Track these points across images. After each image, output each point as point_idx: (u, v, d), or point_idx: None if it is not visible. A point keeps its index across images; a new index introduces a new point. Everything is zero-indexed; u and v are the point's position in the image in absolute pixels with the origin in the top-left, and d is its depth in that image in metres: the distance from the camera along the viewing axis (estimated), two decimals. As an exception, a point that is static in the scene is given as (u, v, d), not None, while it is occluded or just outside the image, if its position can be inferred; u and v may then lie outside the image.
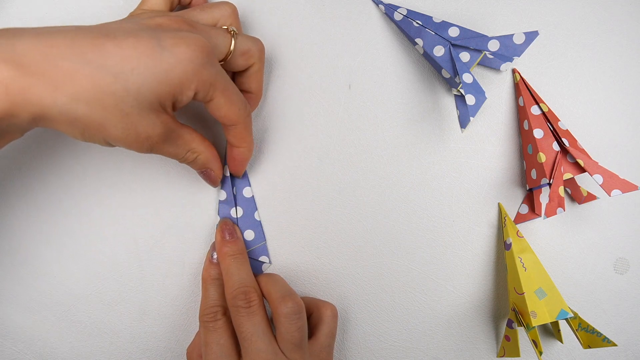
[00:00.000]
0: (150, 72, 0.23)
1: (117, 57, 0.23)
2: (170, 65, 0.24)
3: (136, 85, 0.23)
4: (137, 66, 0.23)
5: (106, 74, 0.23)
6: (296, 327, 0.29)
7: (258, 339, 0.28)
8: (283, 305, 0.29)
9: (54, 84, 0.22)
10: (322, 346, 0.31)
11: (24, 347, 0.34)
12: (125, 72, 0.23)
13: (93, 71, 0.22)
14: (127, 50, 0.23)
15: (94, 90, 0.22)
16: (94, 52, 0.23)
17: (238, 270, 0.31)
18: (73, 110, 0.22)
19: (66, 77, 0.22)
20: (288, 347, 0.29)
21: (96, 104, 0.23)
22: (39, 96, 0.22)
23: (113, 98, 0.23)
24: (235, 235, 0.33)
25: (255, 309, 0.29)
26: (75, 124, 0.23)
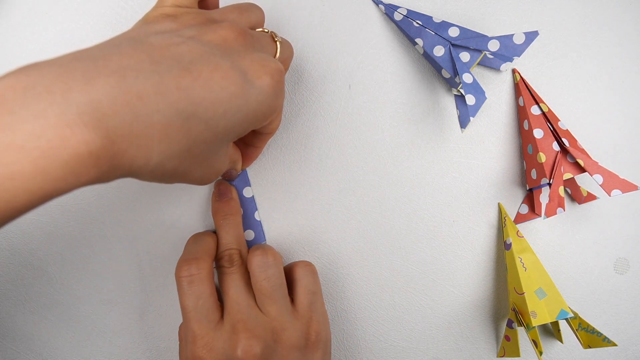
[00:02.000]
0: (240, 113, 0.21)
1: (207, 101, 0.20)
2: (259, 103, 0.22)
3: (226, 129, 0.21)
4: (228, 109, 0.21)
5: (198, 123, 0.20)
6: (264, 276, 0.29)
7: (234, 292, 0.29)
8: (252, 257, 0.30)
9: (146, 146, 0.19)
10: (303, 305, 0.30)
11: (24, 347, 0.34)
12: (216, 117, 0.21)
13: (185, 122, 0.20)
14: (217, 92, 0.20)
15: (186, 143, 0.20)
16: (184, 100, 0.19)
17: (226, 232, 0.32)
18: (164, 166, 0.20)
19: (159, 135, 0.19)
20: (261, 299, 0.29)
21: (186, 156, 0.21)
22: (132, 159, 0.19)
23: (203, 147, 0.21)
24: (228, 195, 0.33)
25: (236, 269, 0.30)
26: (163, 177, 0.21)
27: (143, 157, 0.19)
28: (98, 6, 0.34)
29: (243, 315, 0.28)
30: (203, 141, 0.21)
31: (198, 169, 0.22)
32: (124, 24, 0.34)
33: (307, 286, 0.31)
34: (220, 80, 0.21)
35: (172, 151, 0.20)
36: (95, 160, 0.17)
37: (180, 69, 0.20)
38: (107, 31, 0.34)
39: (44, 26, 0.33)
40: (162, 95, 0.19)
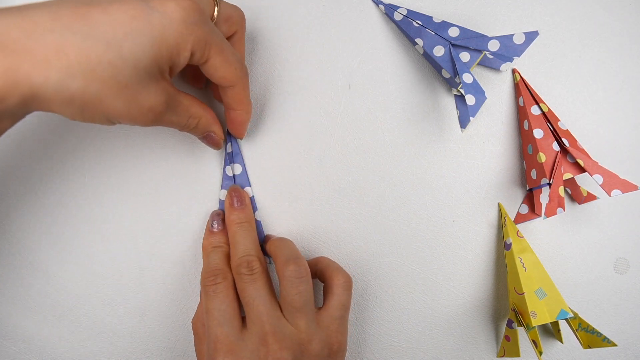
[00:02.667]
0: (144, 35, 0.22)
1: (105, 24, 0.21)
2: (164, 26, 0.23)
3: (132, 51, 0.22)
4: (129, 31, 0.22)
5: (97, 42, 0.21)
6: (296, 291, 0.28)
7: (260, 303, 0.28)
8: (285, 268, 0.29)
9: (43, 60, 0.20)
10: (333, 317, 0.30)
11: (24, 347, 0.34)
12: (117, 38, 0.21)
13: (82, 42, 0.21)
14: (115, 15, 0.22)
15: (86, 61, 0.21)
16: (80, 21, 0.21)
17: (243, 238, 0.31)
18: (67, 86, 0.21)
19: (55, 51, 0.20)
20: (290, 311, 0.28)
21: (91, 77, 0.21)
22: (28, 75, 0.20)
23: (109, 68, 0.21)
24: (243, 202, 0.33)
25: (258, 276, 0.29)
26: (72, 102, 0.21)
27: (41, 73, 0.20)
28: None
29: (272, 327, 0.28)
30: (109, 63, 0.21)
31: (117, 99, 0.22)
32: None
33: (343, 302, 0.30)
34: (120, 6, 0.22)
35: (73, 70, 0.20)
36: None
37: (82, 3, 0.21)
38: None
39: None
40: (56, 20, 0.21)
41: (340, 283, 0.30)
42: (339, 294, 0.30)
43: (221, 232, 0.33)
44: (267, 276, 0.30)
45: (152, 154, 0.34)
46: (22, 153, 0.33)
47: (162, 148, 0.34)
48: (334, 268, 0.31)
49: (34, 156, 0.33)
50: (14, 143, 0.33)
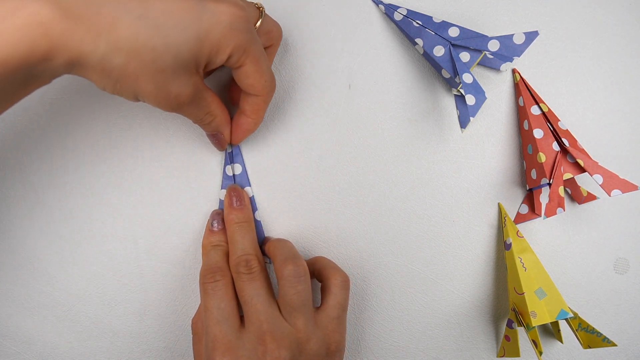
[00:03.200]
0: (192, 29, 0.23)
1: (159, 10, 0.22)
2: (211, 25, 0.24)
3: (176, 42, 0.23)
4: (179, 22, 0.23)
5: (148, 25, 0.22)
6: (295, 291, 0.28)
7: (258, 302, 0.28)
8: (283, 268, 0.29)
9: (96, 31, 0.21)
10: (330, 317, 0.30)
11: (24, 347, 0.34)
12: (167, 26, 0.22)
13: (135, 21, 0.22)
14: (169, 4, 0.23)
15: (134, 41, 0.22)
16: (137, 2, 0.22)
17: (242, 238, 0.31)
18: (110, 60, 0.22)
19: (108, 24, 0.21)
20: (288, 311, 0.29)
21: (135, 56, 0.22)
22: (80, 41, 0.21)
23: (152, 53, 0.22)
24: (242, 202, 0.33)
25: (256, 275, 0.30)
26: (110, 75, 0.22)
27: (91, 42, 0.21)
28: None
29: (270, 326, 0.28)
30: (153, 48, 0.22)
31: (150, 81, 0.23)
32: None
33: (340, 302, 0.30)
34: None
35: (121, 45, 0.22)
36: (45, 30, 0.20)
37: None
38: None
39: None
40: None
41: (338, 282, 0.31)
42: (336, 293, 0.30)
43: (221, 231, 0.33)
44: (265, 275, 0.30)
45: (152, 154, 0.34)
46: (22, 153, 0.33)
47: (162, 148, 0.34)
48: (331, 267, 0.32)
49: (34, 156, 0.33)
50: (14, 143, 0.33)
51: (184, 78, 0.25)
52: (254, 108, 0.30)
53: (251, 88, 0.28)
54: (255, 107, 0.30)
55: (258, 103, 0.30)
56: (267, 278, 0.31)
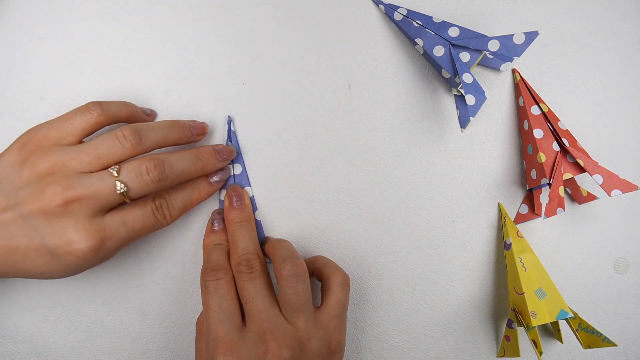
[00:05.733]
0: (59, 272, 0.28)
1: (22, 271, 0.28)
2: (70, 266, 0.28)
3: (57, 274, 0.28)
4: (46, 270, 0.28)
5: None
6: (294, 291, 0.28)
7: (259, 301, 0.29)
8: (282, 268, 0.29)
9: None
10: (331, 316, 0.30)
11: (24, 347, 0.34)
12: (38, 272, 0.28)
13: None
14: (34, 262, 0.28)
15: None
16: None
17: (243, 237, 0.32)
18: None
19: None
20: (288, 311, 0.29)
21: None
22: None
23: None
24: (242, 201, 0.33)
25: (257, 275, 0.30)
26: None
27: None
28: (98, 7, 0.34)
29: (270, 325, 0.28)
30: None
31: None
32: (124, 24, 0.34)
33: (340, 300, 0.30)
34: (34, 258, 0.27)
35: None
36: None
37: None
38: (107, 31, 0.34)
39: (44, 26, 0.33)
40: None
41: (338, 281, 0.31)
42: (337, 292, 0.30)
43: (222, 231, 0.33)
44: (266, 275, 0.31)
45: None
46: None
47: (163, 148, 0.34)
48: (331, 267, 0.32)
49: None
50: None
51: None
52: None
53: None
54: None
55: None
56: (268, 277, 0.31)
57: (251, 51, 0.35)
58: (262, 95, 0.35)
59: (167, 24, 0.34)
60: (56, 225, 0.26)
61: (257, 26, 0.35)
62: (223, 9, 0.34)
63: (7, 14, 0.33)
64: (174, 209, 0.30)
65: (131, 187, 0.27)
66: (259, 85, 0.35)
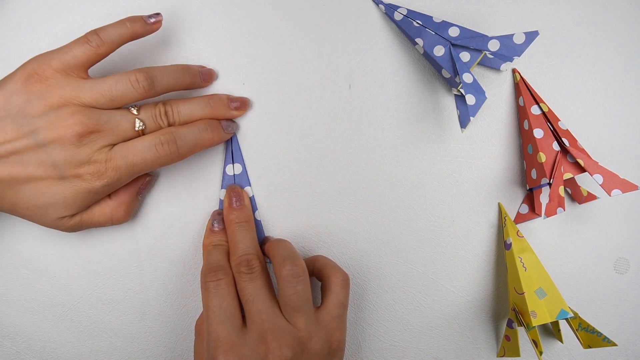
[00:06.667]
0: (57, 195, 0.29)
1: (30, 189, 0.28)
2: (76, 191, 0.29)
3: (45, 204, 0.29)
4: (47, 194, 0.29)
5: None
6: (293, 291, 0.28)
7: (259, 301, 0.29)
8: (282, 268, 0.29)
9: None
10: (332, 316, 0.30)
11: (24, 347, 0.34)
12: (37, 201, 0.29)
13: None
14: (38, 183, 0.29)
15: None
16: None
17: (242, 237, 0.32)
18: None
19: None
20: (288, 311, 0.29)
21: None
22: None
23: (28, 214, 0.29)
24: (242, 202, 0.33)
25: (257, 275, 0.30)
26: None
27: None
28: (98, 6, 0.34)
29: (271, 325, 0.28)
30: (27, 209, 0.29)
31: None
32: (124, 24, 0.34)
33: (341, 301, 0.30)
34: (38, 180, 0.28)
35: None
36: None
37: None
38: (107, 31, 0.34)
39: (44, 26, 0.33)
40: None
41: (338, 281, 0.31)
42: (337, 292, 0.30)
43: (222, 231, 0.33)
44: (266, 275, 0.31)
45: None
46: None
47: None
48: (331, 266, 0.32)
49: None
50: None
51: (59, 222, 0.29)
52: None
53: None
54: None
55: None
56: (268, 277, 0.31)
57: (251, 51, 0.35)
58: (262, 95, 0.35)
59: (167, 24, 0.34)
60: (72, 152, 0.27)
61: (257, 26, 0.35)
62: (223, 9, 0.34)
63: (7, 14, 0.33)
64: (182, 146, 0.30)
65: (148, 125, 0.29)
66: (259, 85, 0.35)
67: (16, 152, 0.27)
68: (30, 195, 0.27)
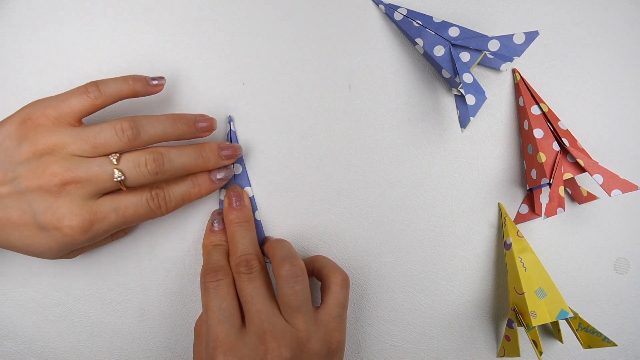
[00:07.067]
0: (46, 245, 0.29)
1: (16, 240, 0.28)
2: (59, 242, 0.28)
3: (37, 252, 0.29)
4: (32, 243, 0.29)
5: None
6: (292, 291, 0.28)
7: (258, 301, 0.29)
8: (280, 268, 0.29)
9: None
10: (331, 316, 0.30)
11: (24, 347, 0.34)
12: (27, 247, 0.29)
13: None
14: (20, 236, 0.29)
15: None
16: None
17: (242, 237, 0.32)
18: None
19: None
20: (287, 311, 0.29)
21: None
22: None
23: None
24: (242, 202, 0.33)
25: (256, 275, 0.30)
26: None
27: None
28: (98, 6, 0.34)
29: (270, 326, 0.28)
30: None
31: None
32: (124, 24, 0.34)
33: (341, 301, 0.30)
34: (19, 232, 0.27)
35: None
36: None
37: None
38: (107, 31, 0.34)
39: (44, 26, 0.33)
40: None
41: (337, 281, 0.31)
42: (336, 292, 0.30)
43: (222, 231, 0.33)
44: (265, 275, 0.31)
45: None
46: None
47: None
48: (330, 266, 0.32)
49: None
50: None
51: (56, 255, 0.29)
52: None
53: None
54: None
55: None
56: (268, 277, 0.31)
57: (251, 51, 0.35)
58: (262, 95, 0.35)
59: (167, 24, 0.34)
60: (51, 202, 0.27)
61: (257, 26, 0.35)
62: (223, 9, 0.34)
63: (7, 14, 0.33)
64: (170, 201, 0.30)
65: (128, 176, 0.28)
66: (259, 85, 0.35)
67: (1, 197, 0.27)
68: (18, 241, 0.27)
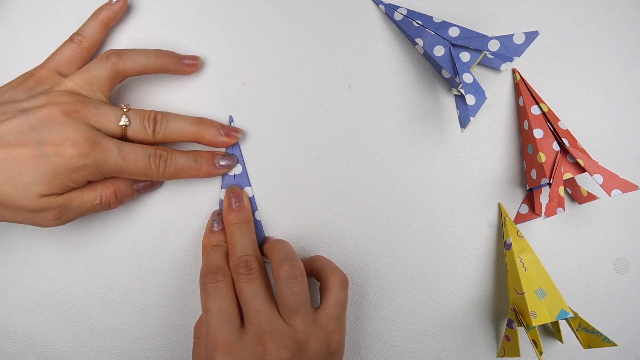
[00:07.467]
0: (36, 170, 0.27)
1: (7, 161, 0.27)
2: (54, 163, 0.28)
3: (23, 183, 0.27)
4: (24, 168, 0.28)
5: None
6: (291, 292, 0.28)
7: (257, 302, 0.29)
8: (279, 269, 0.29)
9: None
10: (330, 317, 0.30)
11: (24, 347, 0.34)
12: (14, 173, 0.27)
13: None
14: (13, 153, 0.27)
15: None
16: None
17: (241, 238, 0.32)
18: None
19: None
20: (286, 312, 0.29)
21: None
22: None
23: (4, 195, 0.27)
24: (241, 202, 0.33)
25: (255, 276, 0.30)
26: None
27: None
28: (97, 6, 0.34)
29: (269, 327, 0.28)
30: (4, 192, 0.27)
31: (15, 214, 0.28)
32: (123, 24, 0.34)
33: (340, 301, 0.30)
34: (20, 148, 0.27)
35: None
36: None
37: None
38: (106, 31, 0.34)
39: (44, 26, 0.33)
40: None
41: (336, 282, 0.31)
42: (335, 292, 0.30)
43: (221, 232, 0.33)
44: (265, 276, 0.31)
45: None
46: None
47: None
48: (330, 267, 0.32)
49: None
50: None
51: (43, 202, 0.28)
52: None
53: (135, 177, 0.30)
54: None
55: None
56: (267, 278, 0.31)
57: (251, 51, 0.35)
58: (262, 95, 0.35)
59: (167, 24, 0.34)
60: (56, 126, 0.27)
61: (257, 26, 0.35)
62: (223, 9, 0.34)
63: (7, 14, 0.33)
64: (170, 166, 0.31)
65: (132, 124, 0.30)
66: (259, 85, 0.35)
67: (4, 131, 0.27)
68: (8, 175, 0.27)
